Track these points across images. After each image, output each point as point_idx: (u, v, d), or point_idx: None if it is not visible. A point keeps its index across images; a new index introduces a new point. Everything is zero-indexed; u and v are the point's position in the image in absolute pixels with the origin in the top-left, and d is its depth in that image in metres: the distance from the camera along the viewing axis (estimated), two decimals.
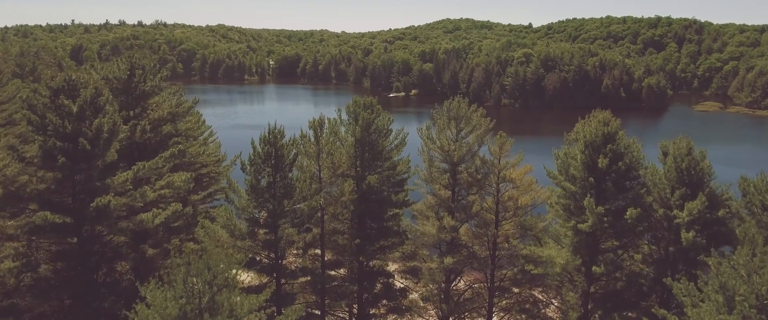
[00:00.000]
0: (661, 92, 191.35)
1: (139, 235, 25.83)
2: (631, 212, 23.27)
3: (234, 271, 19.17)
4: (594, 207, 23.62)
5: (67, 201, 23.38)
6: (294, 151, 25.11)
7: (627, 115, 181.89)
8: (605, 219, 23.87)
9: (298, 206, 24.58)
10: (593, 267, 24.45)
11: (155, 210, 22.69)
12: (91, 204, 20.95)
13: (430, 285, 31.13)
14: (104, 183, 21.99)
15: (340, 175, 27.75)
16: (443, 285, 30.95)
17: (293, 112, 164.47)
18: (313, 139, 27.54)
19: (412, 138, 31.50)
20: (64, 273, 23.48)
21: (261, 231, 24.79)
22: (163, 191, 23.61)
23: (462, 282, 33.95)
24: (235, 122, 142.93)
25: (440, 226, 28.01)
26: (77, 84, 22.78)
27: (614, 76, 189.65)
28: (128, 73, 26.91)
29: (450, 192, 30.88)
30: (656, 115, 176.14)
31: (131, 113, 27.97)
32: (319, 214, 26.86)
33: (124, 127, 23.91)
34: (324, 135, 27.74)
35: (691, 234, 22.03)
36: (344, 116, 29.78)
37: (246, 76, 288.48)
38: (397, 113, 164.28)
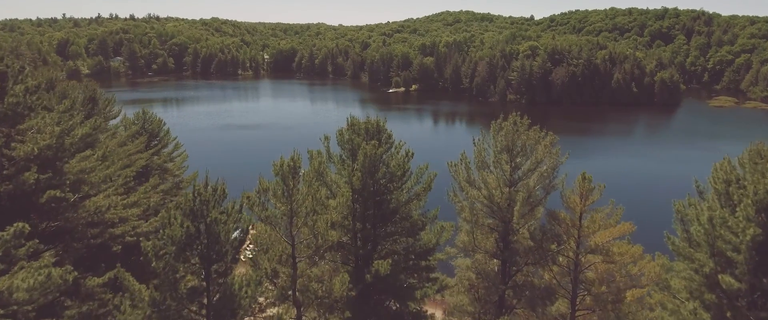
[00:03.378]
0: (674, 87, 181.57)
1: None
2: None
3: None
4: None
5: None
6: (240, 223, 13.91)
7: (638, 111, 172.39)
8: None
9: None
10: None
11: None
12: None
13: None
14: None
15: (328, 251, 16.71)
16: None
17: (289, 110, 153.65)
18: (282, 191, 16.38)
19: (440, 172, 20.59)
20: None
21: None
22: None
23: None
24: (227, 121, 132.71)
25: None
26: None
27: (625, 70, 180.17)
28: None
29: (499, 262, 19.98)
30: (669, 111, 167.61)
31: None
32: None
33: None
34: (302, 183, 16.66)
35: None
36: (335, 147, 18.83)
37: (240, 71, 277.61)
38: (397, 111, 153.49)
